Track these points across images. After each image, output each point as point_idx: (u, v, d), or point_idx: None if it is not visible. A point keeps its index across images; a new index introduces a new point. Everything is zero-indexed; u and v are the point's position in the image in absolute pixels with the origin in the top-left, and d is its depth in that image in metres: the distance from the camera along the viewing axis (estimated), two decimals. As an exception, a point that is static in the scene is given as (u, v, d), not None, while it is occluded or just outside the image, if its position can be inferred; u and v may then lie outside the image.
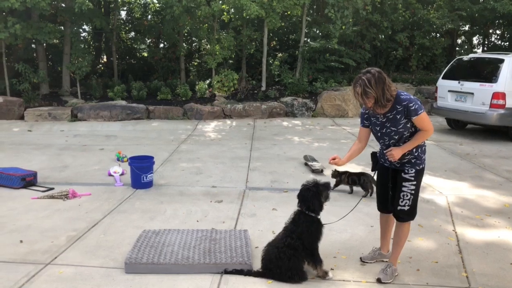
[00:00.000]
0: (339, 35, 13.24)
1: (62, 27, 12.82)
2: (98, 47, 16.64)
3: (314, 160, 6.86)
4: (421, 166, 3.39)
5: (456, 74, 9.83)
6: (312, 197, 3.42)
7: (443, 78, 10.16)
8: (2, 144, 8.28)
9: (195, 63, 16.38)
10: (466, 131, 10.22)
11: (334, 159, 3.74)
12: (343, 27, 13.24)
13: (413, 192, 3.37)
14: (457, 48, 16.86)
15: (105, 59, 17.07)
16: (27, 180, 5.73)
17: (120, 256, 3.72)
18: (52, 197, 5.31)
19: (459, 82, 9.49)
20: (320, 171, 6.44)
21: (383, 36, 15.18)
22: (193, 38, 15.63)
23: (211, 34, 13.33)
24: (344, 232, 4.35)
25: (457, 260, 3.79)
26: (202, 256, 3.61)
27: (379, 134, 3.46)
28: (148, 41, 16.59)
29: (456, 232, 4.39)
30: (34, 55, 13.42)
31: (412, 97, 3.28)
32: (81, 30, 13.97)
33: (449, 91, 9.75)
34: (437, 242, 4.15)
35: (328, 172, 6.52)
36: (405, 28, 15.22)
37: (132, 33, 16.64)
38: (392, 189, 3.50)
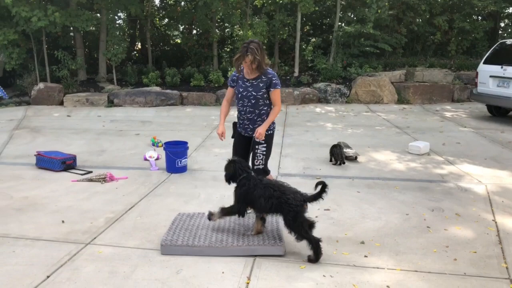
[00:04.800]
0: (375, 19, 12.90)
1: (99, 15, 13.09)
2: (133, 34, 16.90)
3: (348, 146, 6.76)
4: (269, 132, 4.14)
5: (498, 58, 9.40)
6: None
7: (484, 63, 9.76)
8: (43, 129, 8.60)
9: (228, 49, 16.37)
10: (508, 119, 9.81)
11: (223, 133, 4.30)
12: (379, 10, 12.88)
13: (264, 153, 4.17)
14: (500, 32, 16.08)
15: (139, 46, 17.32)
16: (67, 164, 5.94)
17: (156, 238, 3.82)
18: (90, 180, 5.49)
19: (501, 67, 9.09)
20: (354, 158, 6.35)
21: (420, 20, 14.66)
22: (226, 24, 15.61)
23: (243, 20, 13.27)
24: (378, 219, 4.29)
25: (497, 250, 3.67)
26: (236, 239, 3.66)
27: (239, 95, 4.14)
28: (181, 27, 16.71)
29: (496, 222, 4.25)
30: (72, 42, 13.78)
31: (276, 74, 4.08)
32: (116, 17, 14.21)
33: (490, 76, 9.36)
34: (476, 231, 4.04)
35: (362, 159, 6.44)
36: (444, 11, 14.64)
37: (166, 20, 16.79)
38: (249, 151, 4.25)
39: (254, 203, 3.63)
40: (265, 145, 4.15)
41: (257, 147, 4.15)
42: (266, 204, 3.51)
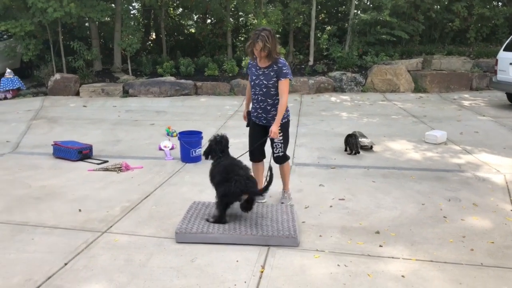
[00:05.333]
0: (391, 6, 12.66)
1: (113, 5, 13.13)
2: (147, 24, 16.94)
3: (363, 136, 6.69)
4: (283, 121, 4.12)
5: (519, 45, 9.18)
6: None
7: (504, 50, 9.53)
8: (60, 119, 8.72)
9: (242, 38, 16.29)
10: (528, 107, 9.60)
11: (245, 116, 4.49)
12: (396, -3, 12.64)
13: (281, 141, 4.18)
14: (521, 18, 15.65)
15: (154, 36, 17.36)
16: (83, 153, 6.02)
17: (171, 227, 3.85)
18: (106, 169, 5.56)
19: (522, 54, 8.87)
20: (369, 148, 6.29)
21: (438, 7, 14.32)
22: (240, 13, 15.51)
23: (257, 8, 13.17)
24: (394, 209, 4.25)
25: (515, 241, 3.61)
26: (249, 228, 3.67)
27: (252, 83, 4.16)
28: (195, 17, 16.67)
29: (514, 212, 4.18)
30: (88, 33, 13.88)
31: (287, 64, 4.03)
32: (131, 7, 14.25)
33: (511, 64, 9.14)
34: (494, 222, 3.97)
35: (377, 148, 6.38)
36: (463, -3, 14.29)
37: (180, 10, 16.77)
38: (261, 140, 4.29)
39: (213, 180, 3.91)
40: (281, 133, 4.14)
41: (274, 139, 4.18)
42: (217, 182, 3.80)
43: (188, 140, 5.79)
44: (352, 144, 6.12)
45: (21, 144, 6.94)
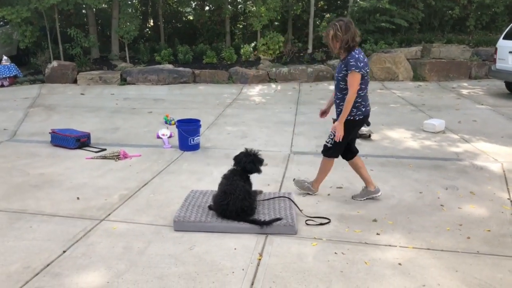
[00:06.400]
0: (391, -6, 12.57)
1: (110, -8, 13.01)
2: (145, 11, 16.80)
3: (361, 124, 6.69)
4: (349, 117, 3.88)
5: (519, 33, 9.13)
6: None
7: (504, 38, 9.48)
8: (58, 107, 8.69)
9: (240, 26, 16.18)
10: (526, 96, 9.59)
11: (323, 113, 4.37)
12: (396, -16, 12.53)
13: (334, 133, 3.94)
14: (521, 5, 15.55)
15: (151, 23, 17.23)
16: (81, 141, 6.00)
17: (169, 215, 3.86)
18: (104, 157, 5.55)
19: (522, 43, 8.83)
20: (367, 136, 6.29)
21: (438, -6, 14.23)
22: (238, 0, 15.39)
23: (256, -5, 13.05)
24: (391, 198, 4.27)
25: (512, 229, 3.64)
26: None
27: (334, 76, 4.06)
28: (193, 4, 16.51)
29: (511, 200, 4.19)
30: (85, 20, 13.75)
31: (360, 58, 3.77)
32: (128, -6, 14.10)
33: (510, 52, 9.10)
34: (490, 210, 3.99)
35: (375, 137, 6.38)
36: (464, -16, 14.18)
37: (178, -4, 16.61)
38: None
39: None
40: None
41: (334, 124, 4.00)
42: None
43: (186, 128, 5.78)
44: None
45: (19, 132, 6.92)
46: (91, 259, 3.19)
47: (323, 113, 4.37)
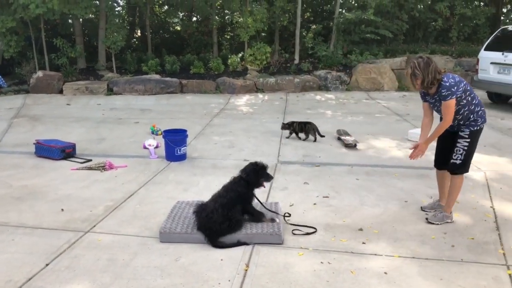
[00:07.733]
0: (376, 6, 12.80)
1: (98, 2, 12.98)
2: (132, 22, 16.78)
3: (347, 134, 6.76)
4: (475, 128, 3.87)
5: (499, 45, 9.34)
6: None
7: (485, 49, 9.69)
8: (43, 117, 8.59)
9: (228, 37, 16.27)
10: (508, 106, 9.78)
11: (415, 148, 4.09)
12: (380, -3, 12.76)
13: (465, 148, 3.84)
14: (502, 18, 15.95)
15: (139, 34, 17.22)
16: (67, 152, 5.94)
17: (155, 226, 3.83)
18: (90, 168, 5.50)
19: (502, 54, 9.03)
20: (353, 146, 6.34)
21: (422, 6, 14.54)
22: (226, 11, 15.49)
23: (243, 6, 13.16)
24: (376, 206, 4.30)
25: (494, 237, 3.69)
26: (234, 227, 3.66)
27: (434, 109, 3.97)
28: (181, 14, 16.57)
29: (494, 209, 4.26)
30: (71, 30, 13.68)
31: (452, 83, 3.65)
32: (115, 4, 14.10)
33: (491, 63, 9.30)
34: (474, 218, 4.05)
35: (361, 147, 6.44)
36: (446, -3, 14.51)
37: (166, 7, 16.65)
38: (451, 149, 3.93)
39: None
40: (468, 140, 3.85)
41: (459, 140, 3.87)
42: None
43: (173, 139, 5.76)
44: (312, 130, 6.74)
45: (2, 142, 6.82)
46: (75, 272, 3.14)
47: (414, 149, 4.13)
